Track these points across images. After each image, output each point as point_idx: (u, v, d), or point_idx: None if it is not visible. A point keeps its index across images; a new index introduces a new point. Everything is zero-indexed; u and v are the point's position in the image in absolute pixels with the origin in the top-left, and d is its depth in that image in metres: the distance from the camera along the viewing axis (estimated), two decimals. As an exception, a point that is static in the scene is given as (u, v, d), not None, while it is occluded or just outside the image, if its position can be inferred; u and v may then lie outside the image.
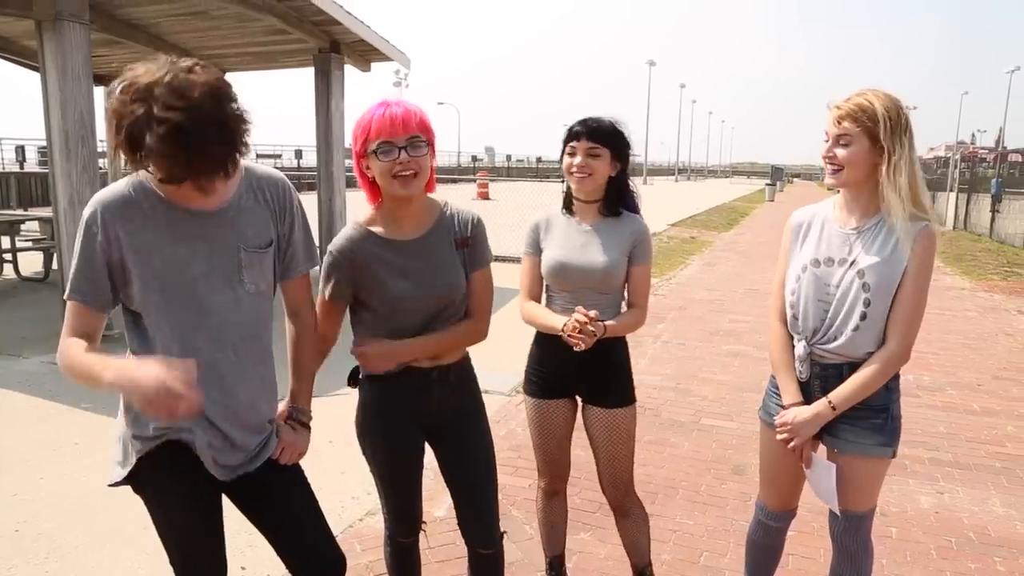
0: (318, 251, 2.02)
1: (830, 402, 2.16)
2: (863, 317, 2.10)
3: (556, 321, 2.40)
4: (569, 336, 2.29)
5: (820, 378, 2.22)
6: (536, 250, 2.58)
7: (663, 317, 8.13)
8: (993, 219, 17.99)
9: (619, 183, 2.50)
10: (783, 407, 2.28)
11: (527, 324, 2.56)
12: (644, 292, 2.53)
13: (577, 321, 2.28)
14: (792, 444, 2.24)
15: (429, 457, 2.31)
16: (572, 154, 2.45)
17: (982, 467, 4.30)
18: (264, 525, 1.97)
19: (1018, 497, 3.91)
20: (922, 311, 2.13)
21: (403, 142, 1.93)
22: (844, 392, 2.15)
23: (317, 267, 2.04)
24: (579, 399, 2.62)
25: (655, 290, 9.82)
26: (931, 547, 3.38)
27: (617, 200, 2.51)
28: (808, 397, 2.25)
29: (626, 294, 2.54)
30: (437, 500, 3.42)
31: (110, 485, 1.87)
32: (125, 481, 1.86)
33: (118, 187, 1.73)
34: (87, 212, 1.70)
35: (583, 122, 2.45)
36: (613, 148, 2.43)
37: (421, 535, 2.43)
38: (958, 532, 3.53)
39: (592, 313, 2.29)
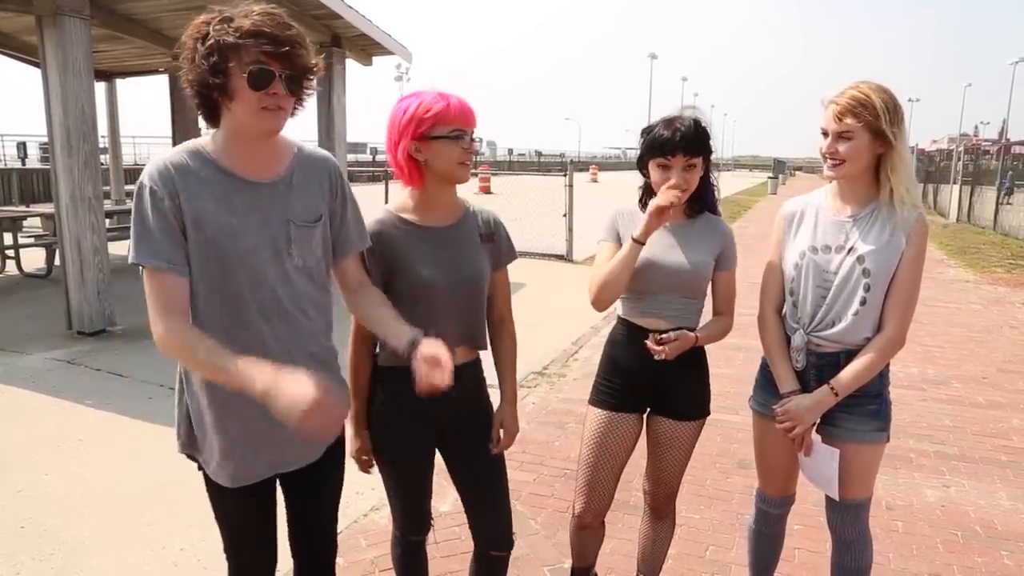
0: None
1: (832, 388, 2.19)
2: (863, 302, 2.15)
3: (631, 250, 2.23)
4: (651, 346, 2.22)
5: (816, 367, 2.26)
6: (615, 238, 2.37)
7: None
8: (997, 211, 17.91)
9: (704, 181, 2.32)
10: (780, 395, 2.30)
11: (602, 288, 2.27)
12: (731, 299, 2.41)
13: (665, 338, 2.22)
14: (794, 432, 2.25)
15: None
16: (664, 167, 2.23)
17: (988, 460, 4.28)
18: (291, 511, 2.03)
19: (1024, 490, 3.90)
20: (916, 297, 2.19)
21: (471, 132, 2.02)
22: (846, 378, 2.18)
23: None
24: (647, 411, 2.48)
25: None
26: (937, 541, 3.38)
27: (702, 199, 2.36)
28: (804, 386, 2.28)
29: (710, 301, 2.43)
30: (441, 495, 3.41)
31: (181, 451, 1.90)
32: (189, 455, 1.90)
33: (172, 155, 1.71)
34: (146, 179, 1.66)
35: (675, 130, 2.20)
36: (706, 153, 2.26)
37: (430, 533, 2.41)
38: (964, 526, 3.52)
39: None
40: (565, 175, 11.99)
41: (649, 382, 2.38)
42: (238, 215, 1.70)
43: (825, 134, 2.14)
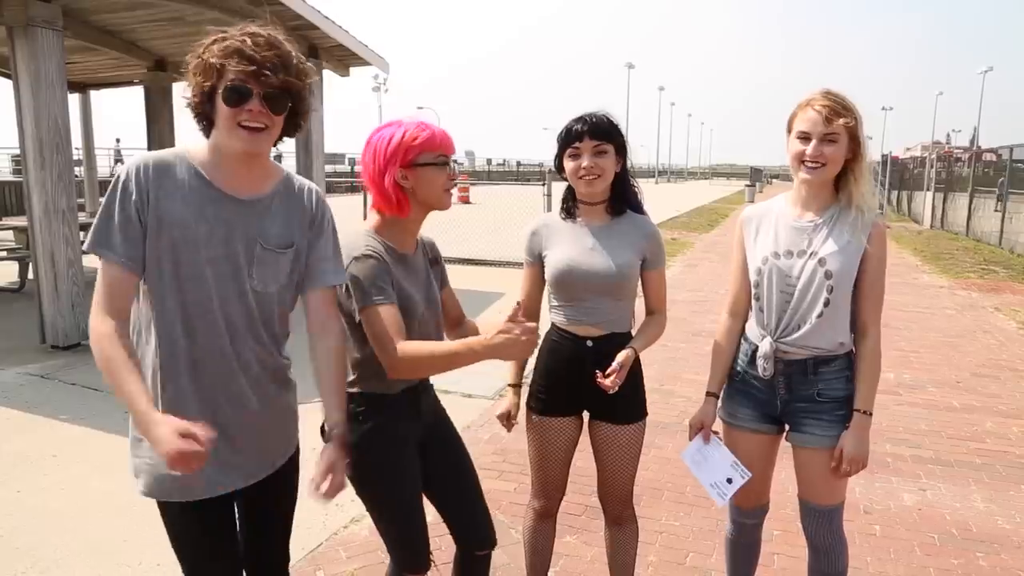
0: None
1: (864, 411, 2.21)
2: (826, 304, 2.17)
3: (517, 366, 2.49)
4: (601, 382, 2.23)
5: (784, 375, 2.28)
6: (536, 258, 2.43)
7: (646, 319, 8.14)
8: (970, 217, 18.16)
9: (623, 180, 2.36)
10: (740, 403, 2.39)
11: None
12: (662, 297, 2.45)
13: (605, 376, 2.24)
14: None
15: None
16: (576, 156, 2.28)
17: (963, 464, 4.34)
18: (244, 527, 1.99)
19: (998, 493, 3.95)
20: (883, 296, 2.25)
21: (452, 159, 2.07)
22: (865, 392, 2.22)
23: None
24: (586, 414, 2.50)
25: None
26: (914, 544, 3.41)
27: (622, 198, 2.38)
28: (773, 394, 2.31)
29: (642, 300, 2.45)
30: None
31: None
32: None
33: (159, 153, 1.73)
34: (125, 169, 1.68)
35: (582, 120, 2.27)
36: (617, 143, 2.29)
37: (433, 570, 2.29)
38: (941, 528, 3.56)
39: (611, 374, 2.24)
40: (543, 185, 12.02)
41: (582, 387, 2.37)
42: (206, 223, 1.69)
43: (805, 138, 2.14)
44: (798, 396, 2.27)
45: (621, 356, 2.27)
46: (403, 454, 2.14)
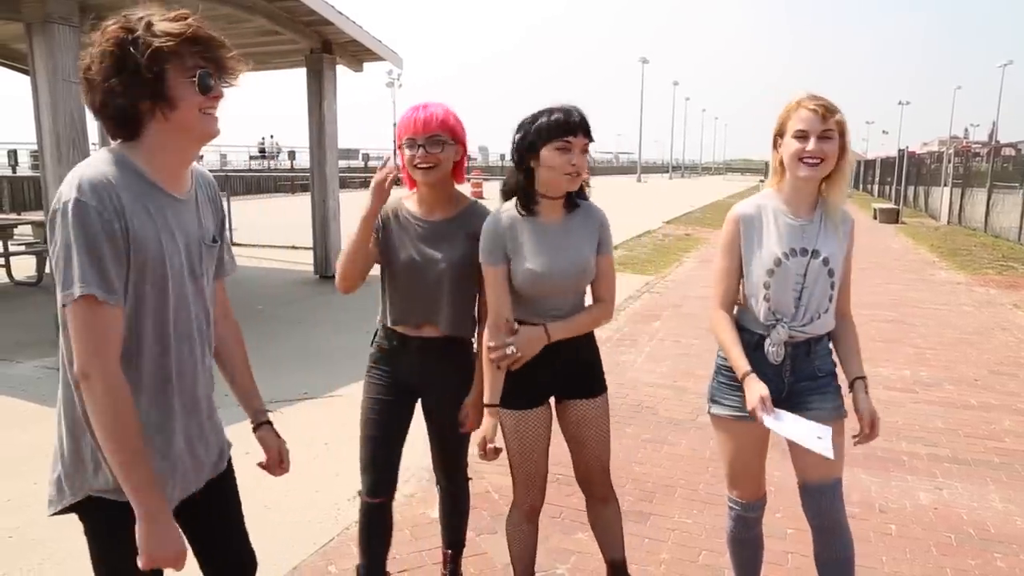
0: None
1: (862, 378, 2.35)
2: (830, 299, 2.32)
3: (495, 383, 2.34)
4: (494, 358, 2.28)
5: (791, 357, 2.34)
6: (502, 259, 2.29)
7: (658, 315, 8.12)
8: (988, 213, 17.95)
9: None
10: (739, 387, 2.32)
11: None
12: (611, 283, 2.38)
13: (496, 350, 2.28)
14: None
15: (424, 461, 2.30)
16: (566, 149, 2.16)
17: (980, 463, 4.29)
18: (196, 537, 1.87)
19: (1017, 492, 3.90)
20: None
21: (422, 140, 2.29)
22: (859, 361, 2.38)
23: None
24: (552, 401, 2.48)
25: (650, 288, 9.80)
26: (931, 543, 3.37)
27: (580, 193, 2.34)
28: (780, 379, 2.34)
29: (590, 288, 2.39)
30: (431, 501, 3.40)
31: (52, 515, 1.75)
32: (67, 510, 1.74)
33: (102, 166, 1.54)
34: (87, 195, 1.48)
35: (570, 112, 2.19)
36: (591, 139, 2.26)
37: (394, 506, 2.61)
38: (957, 528, 3.52)
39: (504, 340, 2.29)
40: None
41: (545, 377, 2.39)
42: (167, 232, 1.60)
43: (804, 136, 2.19)
44: (801, 376, 2.35)
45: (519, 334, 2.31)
46: (377, 389, 2.54)
